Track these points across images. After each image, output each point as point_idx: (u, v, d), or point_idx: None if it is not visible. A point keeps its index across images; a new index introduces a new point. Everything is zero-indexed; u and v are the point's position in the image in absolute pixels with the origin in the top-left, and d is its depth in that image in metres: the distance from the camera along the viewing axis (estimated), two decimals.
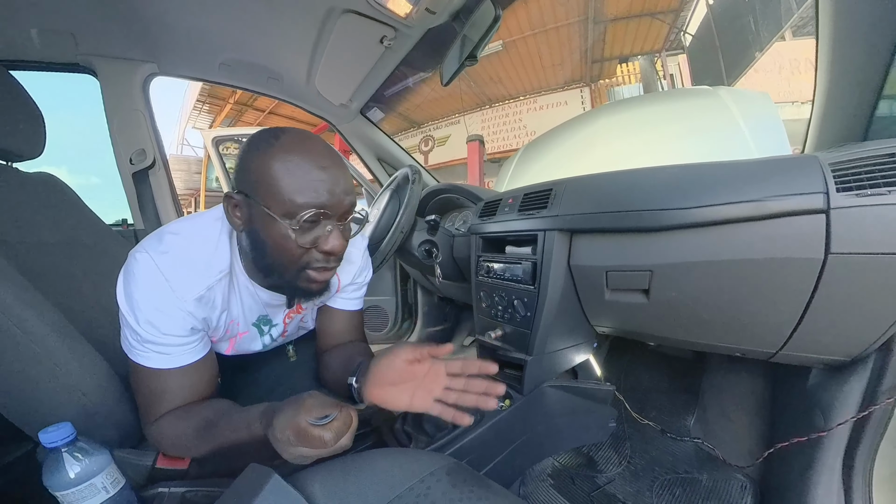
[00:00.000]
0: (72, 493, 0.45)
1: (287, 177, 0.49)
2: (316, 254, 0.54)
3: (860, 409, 0.60)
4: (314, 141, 0.53)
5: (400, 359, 0.52)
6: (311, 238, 0.52)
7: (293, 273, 0.55)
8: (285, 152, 0.50)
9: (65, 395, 0.54)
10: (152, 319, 0.52)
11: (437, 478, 0.44)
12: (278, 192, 0.49)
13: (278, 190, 0.49)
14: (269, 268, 0.56)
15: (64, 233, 0.80)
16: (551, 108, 8.32)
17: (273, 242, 0.52)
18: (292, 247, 0.52)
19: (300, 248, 0.52)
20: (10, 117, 0.73)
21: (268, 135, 0.52)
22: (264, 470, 0.40)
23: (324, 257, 0.55)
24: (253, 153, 0.51)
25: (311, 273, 0.55)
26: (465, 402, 0.52)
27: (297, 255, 0.53)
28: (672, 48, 7.68)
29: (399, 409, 0.53)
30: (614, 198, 0.68)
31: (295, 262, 0.54)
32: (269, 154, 0.50)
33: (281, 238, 0.51)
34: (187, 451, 0.56)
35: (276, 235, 0.51)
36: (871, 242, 0.48)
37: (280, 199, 0.49)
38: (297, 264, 0.54)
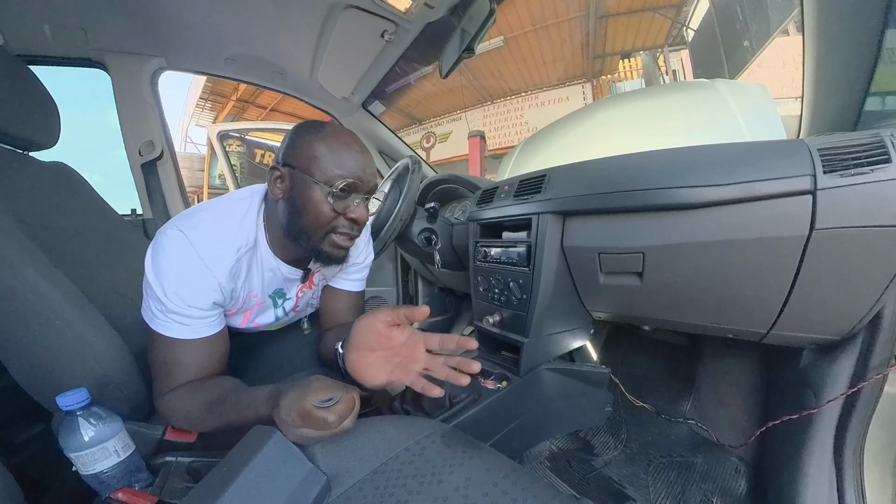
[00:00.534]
0: (86, 455, 0.48)
1: (330, 153, 0.60)
2: (343, 220, 0.63)
3: (850, 387, 0.61)
4: (351, 133, 0.65)
5: (379, 320, 0.53)
6: (343, 205, 0.62)
7: (321, 236, 0.63)
8: (330, 136, 0.61)
9: (81, 366, 0.57)
10: (179, 291, 0.56)
11: (433, 440, 0.47)
12: (322, 164, 0.59)
13: (322, 162, 0.59)
14: (300, 230, 0.63)
15: (77, 219, 0.83)
16: (553, 104, 8.30)
17: (312, 206, 0.61)
18: (327, 210, 0.60)
19: (333, 213, 0.61)
20: (28, 109, 0.77)
21: (316, 124, 0.63)
22: (267, 429, 0.43)
23: (349, 224, 0.64)
24: (302, 135, 0.62)
25: (336, 237, 0.64)
26: (437, 375, 0.51)
27: (329, 218, 0.61)
28: (674, 43, 7.64)
29: (376, 385, 0.53)
30: (605, 180, 0.70)
31: (325, 224, 0.62)
32: (317, 137, 0.61)
33: (319, 202, 0.60)
34: (195, 426, 0.59)
35: (315, 200, 0.60)
36: (854, 217, 0.50)
37: (322, 170, 0.59)
38: (326, 227, 0.62)
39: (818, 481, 0.62)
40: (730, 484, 0.84)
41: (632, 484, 0.90)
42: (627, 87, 7.81)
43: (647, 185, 0.63)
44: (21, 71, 0.76)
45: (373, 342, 0.54)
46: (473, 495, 0.39)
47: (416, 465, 0.43)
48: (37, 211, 0.74)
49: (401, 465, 0.43)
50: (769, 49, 5.58)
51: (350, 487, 0.42)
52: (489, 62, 7.57)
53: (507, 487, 0.39)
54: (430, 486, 0.40)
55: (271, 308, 0.77)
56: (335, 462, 0.44)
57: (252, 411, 0.50)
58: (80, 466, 0.48)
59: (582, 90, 8.33)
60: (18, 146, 0.79)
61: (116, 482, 0.49)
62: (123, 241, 0.91)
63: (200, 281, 0.58)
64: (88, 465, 0.48)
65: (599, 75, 8.32)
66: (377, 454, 0.45)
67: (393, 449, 0.46)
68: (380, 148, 1.73)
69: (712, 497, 0.82)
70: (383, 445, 0.46)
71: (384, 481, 0.42)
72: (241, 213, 0.64)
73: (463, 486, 0.40)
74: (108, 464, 0.48)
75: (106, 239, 0.87)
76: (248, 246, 0.64)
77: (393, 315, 0.52)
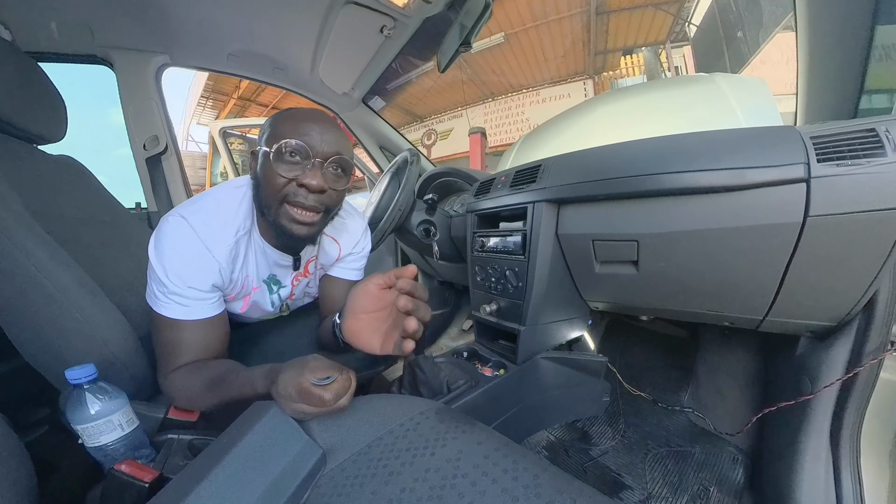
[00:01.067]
0: (92, 427, 0.50)
1: (283, 124, 0.61)
2: (294, 187, 0.60)
3: (846, 372, 0.61)
4: (317, 111, 0.64)
5: (372, 283, 0.54)
6: (293, 173, 0.60)
7: (276, 206, 0.62)
8: (291, 113, 0.62)
9: (88, 346, 0.59)
10: (180, 272, 0.59)
11: (426, 416, 0.48)
12: (274, 132, 0.60)
13: (275, 131, 0.60)
14: (261, 204, 0.64)
15: (84, 209, 0.85)
16: (554, 101, 8.29)
17: (263, 175, 0.61)
18: (274, 174, 0.59)
19: (281, 178, 0.59)
20: (37, 103, 0.79)
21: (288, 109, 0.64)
22: (265, 403, 0.45)
23: (303, 192, 0.61)
24: (273, 119, 0.63)
25: (291, 209, 0.61)
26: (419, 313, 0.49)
27: (280, 185, 0.60)
28: (677, 40, 7.59)
29: (372, 350, 0.54)
30: (597, 168, 0.71)
31: (277, 192, 0.60)
32: (280, 114, 0.63)
33: (268, 168, 0.60)
34: (197, 405, 0.61)
35: (266, 167, 0.61)
36: (847, 203, 0.50)
37: (273, 137, 0.60)
38: (278, 195, 0.61)
39: (815, 468, 0.62)
40: (727, 473, 0.84)
41: (629, 473, 0.90)
42: (629, 83, 7.78)
43: (638, 171, 0.64)
44: (30, 66, 0.78)
45: (367, 304, 0.55)
46: (465, 466, 0.40)
47: (410, 439, 0.44)
48: (45, 200, 0.75)
49: (395, 438, 0.45)
50: (771, 44, 5.54)
51: (345, 460, 0.43)
52: (490, 59, 7.56)
53: (498, 459, 0.40)
54: (423, 458, 0.41)
55: (267, 294, 0.78)
56: (331, 436, 0.46)
57: (251, 388, 0.52)
58: (85, 439, 0.50)
59: (583, 86, 8.31)
60: (27, 139, 0.81)
61: (120, 455, 0.51)
62: (128, 232, 0.93)
63: (201, 262, 0.60)
64: (94, 437, 0.49)
65: (601, 72, 8.30)
66: (372, 429, 0.46)
67: (387, 424, 0.47)
68: (380, 143, 1.75)
69: (709, 486, 0.82)
70: (378, 421, 0.47)
71: (378, 454, 0.43)
72: (237, 199, 0.67)
73: (455, 458, 0.41)
74: (112, 437, 0.50)
75: (111, 229, 0.89)
76: (245, 230, 0.66)
77: (385, 277, 0.54)
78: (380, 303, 0.55)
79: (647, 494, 0.81)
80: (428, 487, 0.38)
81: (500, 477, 0.38)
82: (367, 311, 0.55)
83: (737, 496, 0.78)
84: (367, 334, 0.55)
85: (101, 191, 0.94)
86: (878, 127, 0.49)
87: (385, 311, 0.55)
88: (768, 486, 0.72)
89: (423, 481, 0.38)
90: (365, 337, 0.55)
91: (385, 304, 0.55)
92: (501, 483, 0.37)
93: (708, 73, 1.83)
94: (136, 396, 0.64)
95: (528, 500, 0.35)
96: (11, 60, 0.73)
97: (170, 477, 0.47)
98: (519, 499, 0.35)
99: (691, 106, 1.75)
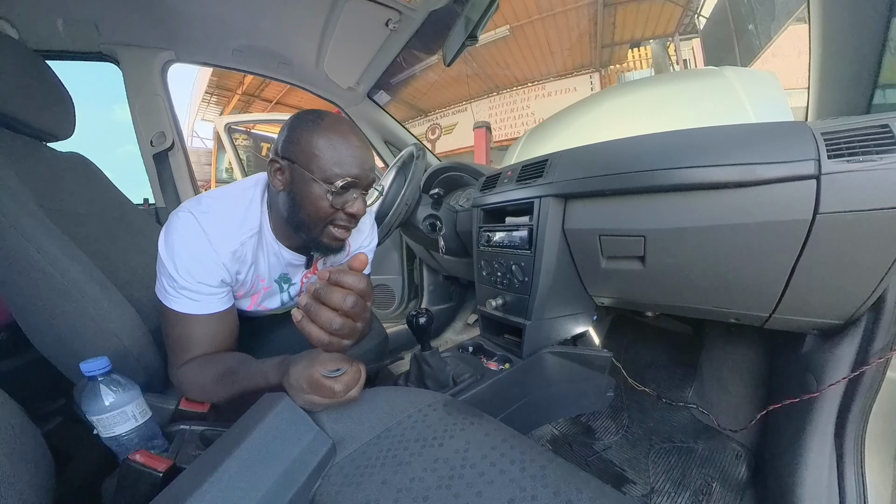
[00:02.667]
0: (106, 418, 0.51)
1: (329, 150, 0.60)
2: (341, 214, 0.65)
3: (852, 371, 0.61)
4: (350, 124, 0.65)
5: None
6: (342, 201, 0.64)
7: (320, 229, 0.65)
8: (327, 130, 0.61)
9: (101, 339, 0.60)
10: (190, 267, 0.60)
11: (434, 408, 0.49)
12: (320, 161, 0.60)
13: (321, 160, 0.60)
14: (300, 223, 0.65)
15: (94, 206, 0.86)
16: (560, 95, 8.20)
17: (311, 202, 0.62)
18: (326, 206, 0.62)
19: (331, 209, 0.63)
20: (45, 101, 0.79)
21: (313, 115, 0.63)
22: (277, 395, 0.45)
23: (347, 218, 0.65)
24: (300, 127, 0.62)
25: (334, 230, 0.66)
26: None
27: (328, 213, 0.63)
28: (686, 32, 7.45)
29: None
30: (605, 162, 0.70)
31: (324, 219, 0.64)
32: (314, 130, 0.61)
33: (318, 199, 0.62)
34: (208, 397, 0.62)
35: (314, 196, 0.62)
36: (858, 201, 0.50)
37: (321, 167, 0.60)
38: (324, 221, 0.65)
39: (818, 466, 0.62)
40: (730, 469, 0.84)
41: (632, 467, 0.90)
42: (637, 76, 7.67)
43: (646, 166, 0.64)
44: (38, 64, 0.78)
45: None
46: (472, 457, 0.40)
47: (419, 431, 0.45)
48: (56, 197, 0.76)
49: (403, 430, 0.45)
50: (783, 37, 5.43)
51: (355, 450, 0.44)
52: (495, 52, 7.48)
53: (505, 450, 0.41)
54: (432, 449, 0.42)
55: (277, 293, 0.79)
56: (341, 427, 0.46)
57: (262, 379, 0.53)
58: (100, 429, 0.51)
59: (590, 80, 8.20)
60: (37, 136, 0.82)
61: (134, 446, 0.52)
62: (137, 227, 0.94)
63: (208, 259, 0.61)
64: (108, 427, 0.51)
65: (608, 65, 8.18)
66: (381, 420, 0.47)
67: (396, 416, 0.48)
68: (385, 138, 1.74)
69: (712, 482, 0.82)
70: (387, 413, 0.48)
71: (388, 444, 0.44)
72: (246, 200, 0.67)
73: (463, 448, 0.41)
74: (126, 427, 0.51)
75: (120, 225, 0.90)
76: (253, 231, 0.67)
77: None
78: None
79: (650, 489, 0.81)
80: (437, 477, 0.38)
81: (507, 468, 0.38)
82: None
83: (739, 492, 0.78)
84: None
85: (110, 187, 0.95)
86: (891, 123, 0.48)
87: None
88: (771, 483, 0.72)
89: (432, 471, 0.39)
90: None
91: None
92: (509, 473, 0.38)
93: (717, 66, 1.80)
94: (148, 388, 0.65)
95: (536, 489, 0.36)
96: (20, 59, 0.73)
97: (183, 467, 0.48)
98: (526, 489, 0.36)
99: (700, 100, 1.73)
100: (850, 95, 0.74)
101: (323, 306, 0.40)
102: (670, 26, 7.35)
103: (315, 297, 0.41)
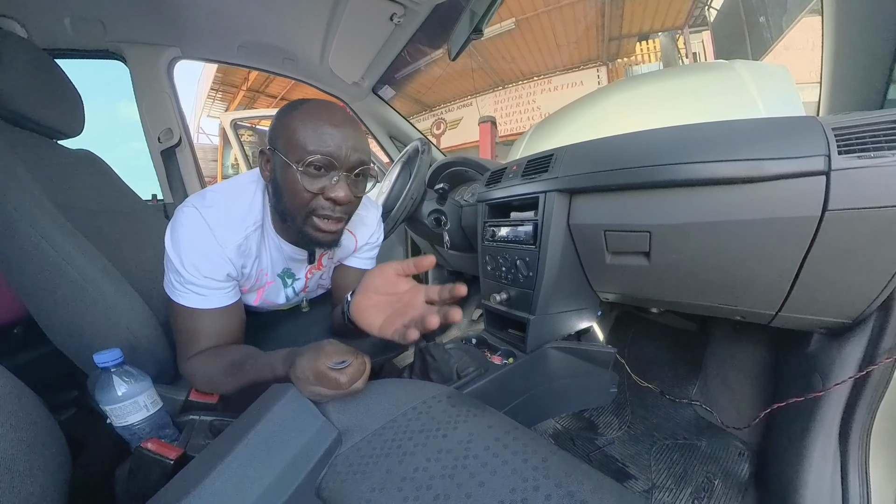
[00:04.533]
0: (119, 408, 0.53)
1: (303, 130, 0.57)
2: (322, 201, 0.60)
3: (858, 371, 0.60)
4: (333, 106, 0.60)
5: (391, 268, 0.55)
6: (319, 185, 0.59)
7: (302, 218, 0.62)
8: (306, 112, 0.58)
9: (114, 332, 0.62)
10: (196, 262, 0.60)
11: (439, 399, 0.49)
12: (294, 141, 0.57)
13: (295, 140, 0.57)
14: (284, 213, 0.63)
15: (104, 202, 0.88)
16: (566, 89, 8.11)
17: (287, 187, 0.59)
18: (300, 190, 0.58)
19: (308, 193, 0.59)
20: (54, 99, 0.81)
21: (297, 102, 0.60)
22: (284, 385, 0.46)
23: (329, 205, 0.61)
24: (282, 115, 0.60)
25: (317, 220, 0.62)
26: (431, 321, 0.48)
27: (306, 199, 0.59)
28: (696, 24, 7.32)
29: (371, 329, 0.55)
30: (611, 157, 0.70)
31: (303, 206, 0.60)
32: (293, 115, 0.58)
33: (292, 182, 0.58)
34: (217, 388, 0.63)
35: (289, 180, 0.59)
36: (869, 197, 0.49)
37: (294, 147, 0.57)
38: (304, 209, 0.61)
39: (822, 465, 0.61)
40: (733, 466, 0.84)
41: (634, 463, 0.90)
42: (645, 70, 7.55)
43: (652, 161, 0.63)
44: (47, 63, 0.79)
45: (380, 284, 0.56)
46: (476, 448, 0.41)
47: (423, 422, 0.46)
48: (67, 193, 0.78)
49: (408, 421, 0.46)
50: (796, 29, 5.30)
51: (360, 440, 0.45)
52: (500, 46, 7.41)
53: (508, 442, 0.42)
54: (435, 440, 0.43)
55: (282, 288, 0.80)
56: (346, 418, 0.47)
57: (269, 371, 0.54)
58: (113, 419, 0.53)
59: (597, 74, 8.10)
60: (47, 134, 0.83)
61: (146, 435, 0.54)
62: (146, 222, 0.95)
63: (214, 254, 0.61)
64: (121, 417, 0.52)
65: (615, 58, 8.07)
66: (386, 411, 0.48)
67: (401, 407, 0.48)
68: (390, 133, 1.75)
69: (714, 479, 0.82)
70: (392, 404, 0.49)
71: (392, 435, 0.44)
72: (249, 194, 0.67)
73: (466, 439, 0.42)
74: (138, 417, 0.53)
75: (130, 220, 0.91)
76: (256, 225, 0.66)
77: (403, 265, 0.55)
78: (392, 287, 0.56)
79: (652, 484, 0.81)
80: (440, 467, 0.39)
81: (510, 459, 0.39)
82: (378, 291, 0.57)
83: (741, 490, 0.78)
84: (371, 313, 0.56)
85: (119, 183, 0.97)
86: None
87: (394, 296, 0.56)
88: (774, 482, 0.72)
89: (436, 461, 0.40)
90: (368, 315, 0.56)
91: (396, 290, 0.56)
92: (511, 464, 0.38)
93: (728, 59, 1.77)
94: (159, 379, 0.67)
95: (538, 480, 0.36)
96: (30, 58, 0.74)
97: (193, 455, 0.49)
98: (528, 479, 0.36)
99: (709, 94, 1.70)
100: (864, 90, 0.72)
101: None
102: (680, 18, 7.22)
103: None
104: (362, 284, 0.59)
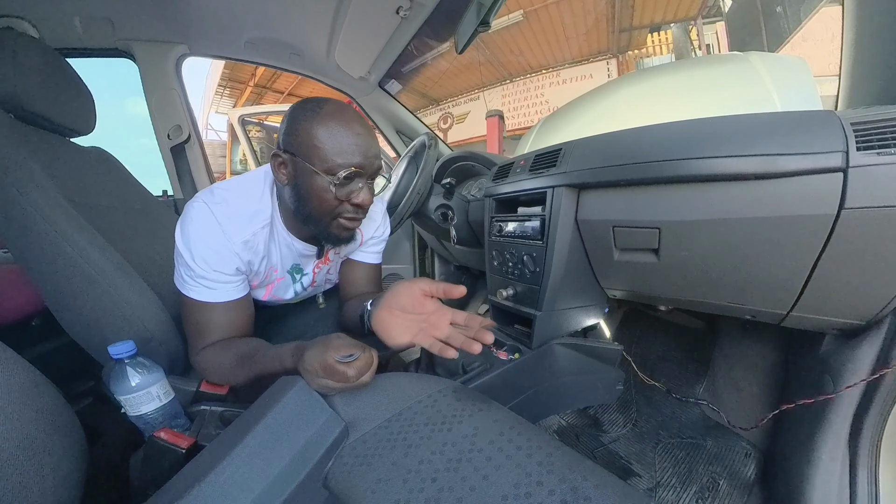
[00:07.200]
0: (133, 398, 0.54)
1: (329, 140, 0.58)
2: (348, 206, 0.64)
3: (871, 374, 0.58)
4: (351, 111, 0.62)
5: (418, 286, 0.55)
6: (346, 192, 0.62)
7: (327, 221, 0.65)
8: (328, 119, 0.59)
9: (127, 324, 0.63)
10: (205, 256, 0.61)
11: (444, 394, 0.50)
12: (322, 152, 0.59)
13: (322, 151, 0.59)
14: (307, 217, 0.65)
15: (116, 198, 0.89)
16: (575, 82, 8.00)
17: (315, 195, 0.61)
18: (330, 198, 0.61)
19: (336, 200, 0.62)
20: (67, 98, 0.82)
21: (312, 104, 0.61)
22: (292, 378, 0.47)
23: (354, 209, 0.64)
24: (299, 119, 0.60)
25: (343, 221, 0.65)
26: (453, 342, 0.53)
27: (333, 205, 0.62)
28: (709, 15, 7.12)
29: (399, 344, 0.55)
30: (620, 152, 0.69)
31: (330, 211, 0.63)
32: (315, 120, 0.59)
33: (322, 191, 0.61)
34: (227, 380, 0.64)
35: (318, 189, 0.61)
36: (889, 196, 0.47)
37: (323, 158, 0.59)
38: (331, 214, 0.64)
39: (830, 469, 0.60)
40: (738, 467, 0.83)
41: (639, 461, 0.90)
42: (656, 63, 7.39)
43: (662, 156, 0.62)
44: (58, 62, 0.80)
45: (406, 304, 0.56)
46: (480, 442, 0.41)
47: (428, 415, 0.46)
48: (80, 190, 0.79)
49: (414, 414, 0.47)
50: (815, 20, 5.14)
51: (366, 432, 0.46)
52: (508, 38, 7.31)
53: (512, 437, 0.42)
54: (441, 433, 0.43)
55: (290, 283, 0.81)
56: (353, 410, 0.48)
57: (278, 364, 0.55)
58: (127, 408, 0.54)
59: (607, 67, 7.96)
60: (61, 132, 0.84)
61: (159, 424, 0.55)
62: (157, 217, 0.97)
63: (223, 248, 0.62)
64: (135, 407, 0.54)
65: (626, 50, 7.91)
66: (392, 404, 0.49)
67: (407, 401, 0.49)
68: (397, 127, 1.74)
69: (719, 479, 0.81)
70: (398, 397, 0.49)
71: (398, 427, 0.45)
72: (258, 192, 0.68)
73: (471, 433, 0.43)
74: (151, 407, 0.55)
75: (141, 216, 0.93)
76: (265, 223, 0.67)
77: (433, 286, 0.55)
78: (419, 307, 0.56)
79: (656, 483, 0.81)
80: (445, 460, 0.39)
81: (514, 453, 0.39)
82: (404, 309, 0.57)
83: (747, 490, 0.77)
84: (396, 330, 0.56)
85: (130, 180, 0.98)
86: None
87: (420, 316, 0.56)
88: (780, 484, 0.71)
89: (441, 454, 0.40)
90: (394, 332, 0.56)
91: (423, 310, 0.56)
92: (515, 459, 0.39)
93: (742, 51, 1.72)
94: (171, 371, 0.69)
95: (541, 475, 0.36)
96: (42, 57, 0.75)
97: (204, 444, 0.50)
98: (532, 474, 0.37)
99: (722, 87, 1.66)
100: (885, 83, 0.70)
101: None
102: (693, 9, 7.03)
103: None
104: (386, 300, 0.58)
